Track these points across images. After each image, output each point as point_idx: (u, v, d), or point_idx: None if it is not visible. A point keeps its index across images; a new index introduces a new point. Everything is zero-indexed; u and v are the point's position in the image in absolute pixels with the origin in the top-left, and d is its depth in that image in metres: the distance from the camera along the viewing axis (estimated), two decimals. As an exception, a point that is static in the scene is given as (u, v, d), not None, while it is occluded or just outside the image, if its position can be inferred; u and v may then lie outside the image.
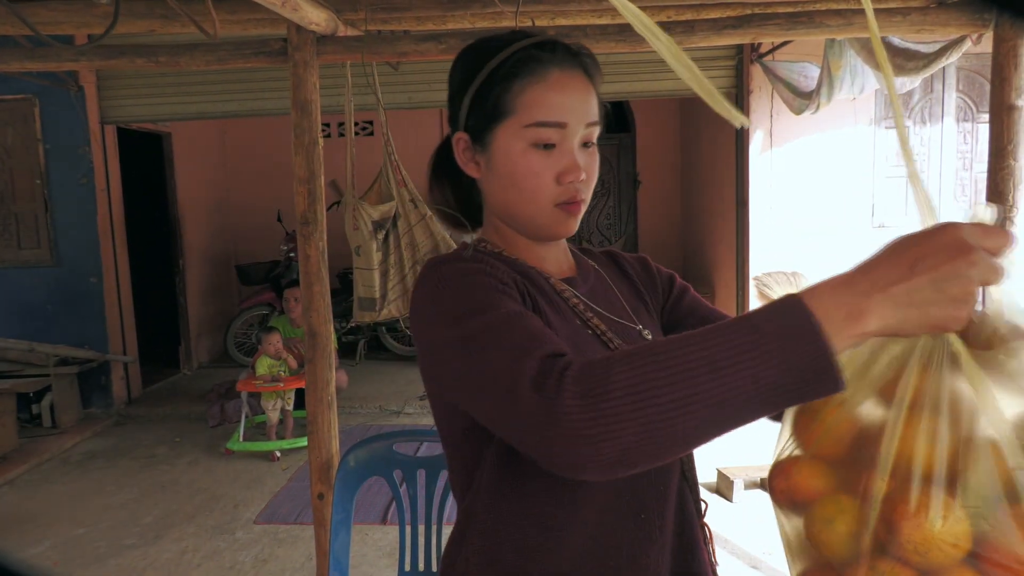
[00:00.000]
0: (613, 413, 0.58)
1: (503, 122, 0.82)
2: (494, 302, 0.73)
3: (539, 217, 0.85)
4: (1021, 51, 2.23)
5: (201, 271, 6.64)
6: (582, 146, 0.84)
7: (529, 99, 0.80)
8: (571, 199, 0.83)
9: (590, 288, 0.92)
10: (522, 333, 0.69)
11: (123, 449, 4.61)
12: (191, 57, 2.35)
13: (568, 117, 0.81)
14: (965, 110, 5.06)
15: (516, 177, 0.83)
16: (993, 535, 0.55)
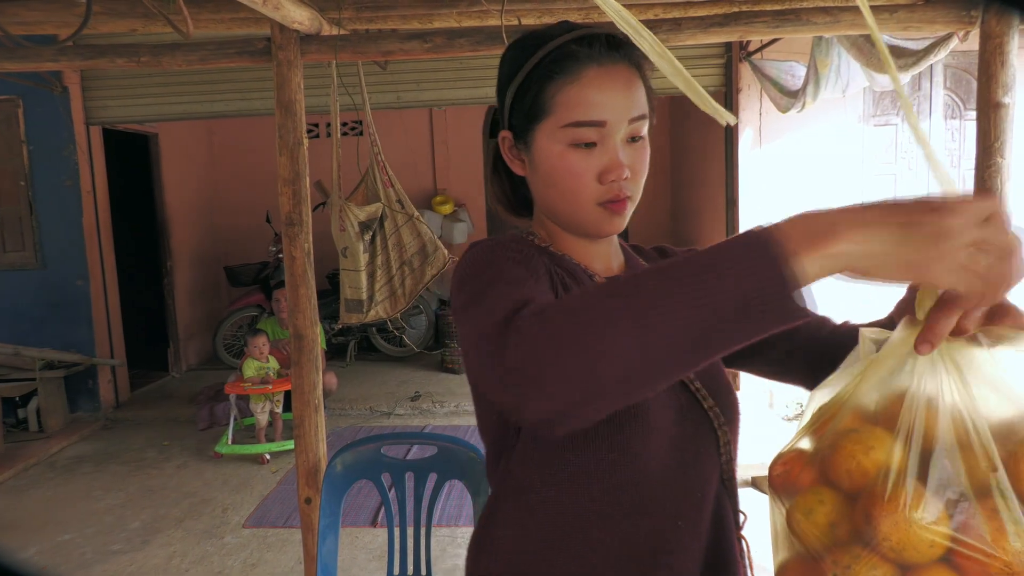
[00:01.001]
0: (558, 334, 0.57)
1: (541, 122, 0.80)
2: (507, 272, 0.73)
3: (582, 216, 0.83)
4: (1007, 49, 2.23)
5: (189, 273, 6.59)
6: (629, 141, 0.81)
7: (565, 99, 0.78)
8: (614, 198, 0.80)
9: None
10: (513, 292, 0.68)
11: (111, 453, 4.57)
12: (173, 57, 2.32)
13: (607, 115, 0.78)
14: (952, 107, 5.08)
15: (556, 177, 0.81)
16: (967, 533, 0.55)
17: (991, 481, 0.56)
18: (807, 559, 0.64)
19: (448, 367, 5.87)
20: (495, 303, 0.67)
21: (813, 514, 0.62)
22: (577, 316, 0.57)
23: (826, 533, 0.61)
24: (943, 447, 0.57)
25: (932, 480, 0.57)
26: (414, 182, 6.95)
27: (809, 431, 0.68)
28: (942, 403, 0.58)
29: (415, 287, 2.94)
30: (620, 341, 0.55)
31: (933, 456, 0.57)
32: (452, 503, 3.51)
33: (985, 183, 2.31)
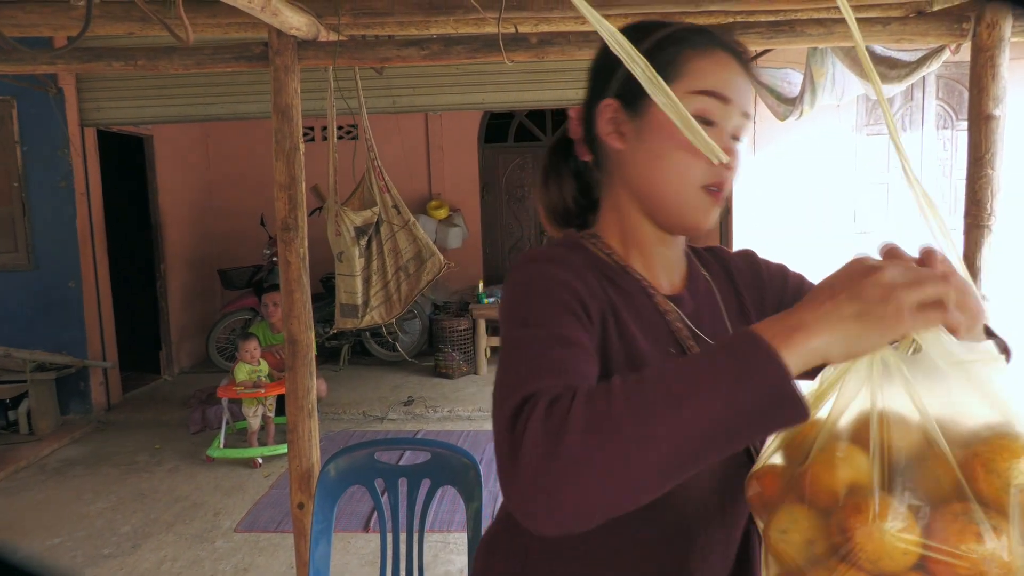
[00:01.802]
0: (569, 455, 0.56)
1: (668, 85, 0.75)
2: (555, 321, 0.71)
3: (684, 197, 0.79)
4: (998, 61, 2.26)
5: (183, 275, 6.57)
6: (731, 137, 0.80)
7: (700, 66, 0.77)
8: (719, 183, 0.78)
9: (696, 306, 0.86)
10: (540, 361, 0.67)
11: (102, 456, 4.54)
12: (170, 61, 2.33)
13: (733, 95, 0.78)
14: (945, 118, 5.12)
15: (673, 148, 0.77)
16: (935, 539, 0.57)
17: (955, 485, 0.57)
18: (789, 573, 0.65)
19: (442, 372, 5.87)
20: (515, 378, 0.66)
21: (788, 533, 0.63)
22: (592, 435, 0.57)
23: (803, 551, 0.62)
24: (906, 457, 0.59)
25: (897, 489, 0.58)
26: (409, 187, 6.96)
27: (781, 446, 0.69)
28: (905, 413, 0.60)
29: (410, 293, 2.94)
30: (637, 463, 0.56)
31: (899, 466, 0.59)
32: (445, 509, 3.50)
33: (976, 194, 2.33)
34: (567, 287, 0.74)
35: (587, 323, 0.73)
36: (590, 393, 0.60)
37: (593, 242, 0.85)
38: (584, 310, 0.73)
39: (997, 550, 0.56)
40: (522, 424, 0.60)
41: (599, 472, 0.56)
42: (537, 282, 0.74)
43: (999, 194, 2.32)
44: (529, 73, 4.66)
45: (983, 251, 2.29)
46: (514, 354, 0.69)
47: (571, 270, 0.76)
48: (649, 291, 0.82)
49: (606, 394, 0.59)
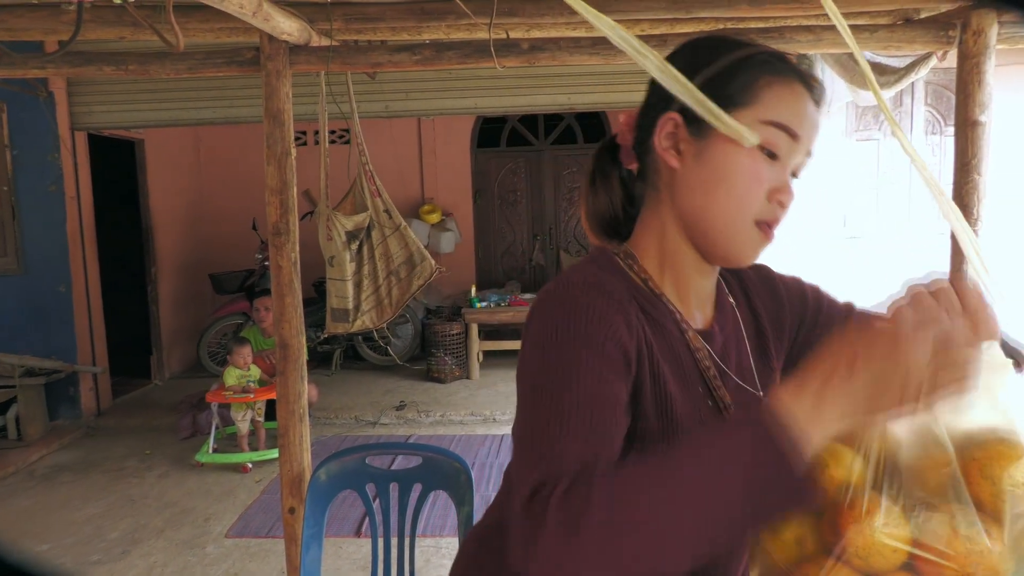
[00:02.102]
0: (585, 550, 0.57)
1: (738, 110, 0.73)
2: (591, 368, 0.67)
3: (735, 229, 0.75)
4: (984, 68, 2.28)
5: (174, 280, 6.54)
6: (791, 174, 0.77)
7: (776, 94, 0.73)
8: (773, 220, 0.75)
9: (724, 341, 0.83)
10: (574, 423, 0.65)
11: (91, 462, 4.51)
12: (161, 65, 2.32)
13: (803, 131, 0.74)
14: (933, 123, 5.17)
15: (734, 176, 0.73)
16: (926, 538, 0.57)
17: (948, 488, 0.58)
18: (779, 572, 0.65)
19: (434, 376, 5.86)
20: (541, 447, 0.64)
21: (780, 532, 0.64)
22: (607, 534, 0.57)
23: (793, 550, 0.63)
24: (900, 458, 0.60)
25: (891, 490, 0.59)
26: (402, 191, 6.96)
27: None
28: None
29: (402, 297, 2.95)
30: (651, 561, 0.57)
31: (891, 467, 0.60)
32: (437, 513, 3.50)
33: (963, 199, 2.35)
34: (610, 327, 0.70)
35: (625, 371, 0.70)
36: (608, 482, 0.59)
37: (630, 264, 0.80)
38: (624, 355, 0.70)
39: (986, 552, 0.56)
40: (538, 511, 0.60)
41: (616, 564, 0.57)
42: (580, 320, 0.69)
43: (986, 199, 2.34)
44: (521, 78, 4.67)
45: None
46: (542, 410, 0.66)
47: (614, 303, 0.71)
48: (682, 325, 0.79)
49: (623, 485, 0.58)
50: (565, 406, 0.65)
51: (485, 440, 4.65)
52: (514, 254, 7.62)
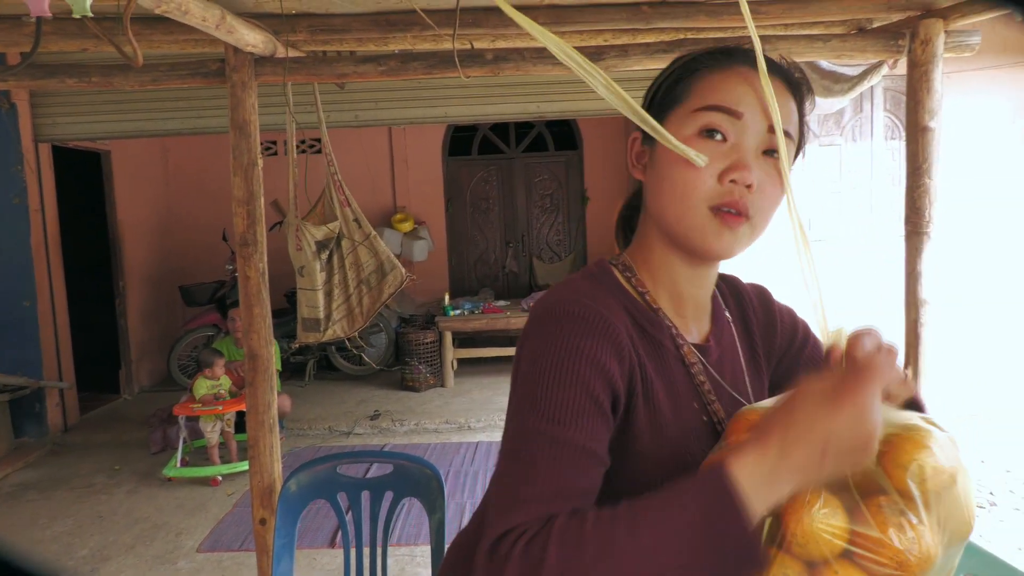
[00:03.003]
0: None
1: (674, 109, 0.76)
2: (571, 417, 0.68)
3: (689, 220, 0.75)
4: (932, 76, 2.37)
5: (142, 292, 6.45)
6: (763, 153, 0.75)
7: (707, 84, 0.75)
8: (729, 204, 0.73)
9: (720, 355, 0.85)
10: (545, 478, 0.67)
11: (58, 479, 4.43)
12: (125, 77, 2.32)
13: (746, 108, 0.73)
14: (892, 129, 5.31)
15: (674, 168, 0.74)
16: (859, 526, 0.61)
17: (876, 481, 0.62)
18: None
19: (408, 385, 5.85)
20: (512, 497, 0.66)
21: None
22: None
23: None
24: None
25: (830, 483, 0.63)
26: (374, 200, 6.95)
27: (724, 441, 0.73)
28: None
29: (373, 306, 2.95)
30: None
31: None
32: (411, 522, 3.50)
33: (915, 203, 2.43)
34: (597, 366, 0.70)
35: (608, 412, 0.71)
36: (562, 532, 0.61)
37: (628, 276, 0.82)
38: (611, 392, 0.72)
39: (916, 537, 0.60)
40: (499, 561, 0.63)
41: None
42: (566, 358, 0.70)
43: (937, 202, 2.43)
44: (491, 87, 4.71)
45: (922, 256, 2.39)
46: (520, 452, 0.69)
47: (606, 338, 0.72)
48: (678, 340, 0.80)
49: (578, 537, 0.61)
50: (541, 453, 0.67)
51: (460, 448, 4.66)
52: (487, 262, 7.64)
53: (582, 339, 0.71)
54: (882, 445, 0.63)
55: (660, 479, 0.66)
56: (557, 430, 0.67)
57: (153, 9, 1.61)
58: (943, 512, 0.62)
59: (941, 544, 0.62)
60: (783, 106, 0.75)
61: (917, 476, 0.61)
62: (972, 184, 4.92)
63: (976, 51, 2.48)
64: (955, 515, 0.62)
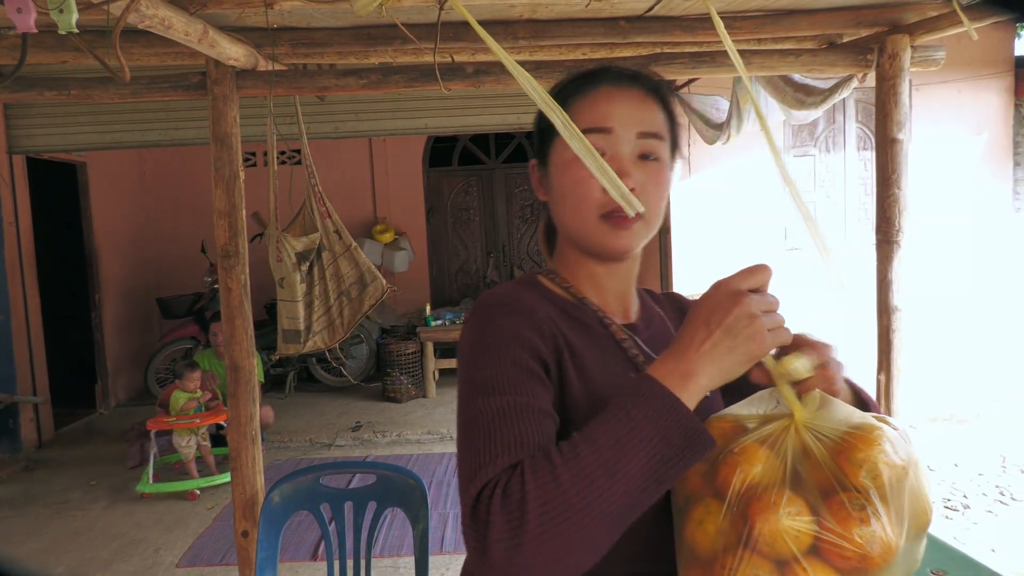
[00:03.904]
0: (534, 539, 0.63)
1: (555, 139, 0.86)
2: (508, 385, 0.75)
3: (587, 230, 0.85)
4: (900, 89, 2.45)
5: (119, 305, 6.37)
6: (640, 158, 0.84)
7: (576, 110, 0.85)
8: (618, 209, 0.81)
9: (652, 335, 0.92)
10: (497, 437, 0.71)
11: (32, 496, 4.35)
12: (104, 90, 2.32)
13: (613, 122, 0.83)
14: (864, 139, 5.43)
15: (565, 187, 0.85)
16: (823, 525, 0.64)
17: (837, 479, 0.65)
18: (702, 565, 0.71)
19: (390, 396, 5.84)
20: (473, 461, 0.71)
21: (704, 524, 0.70)
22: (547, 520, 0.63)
23: (715, 540, 0.69)
24: (797, 456, 0.68)
25: (792, 483, 0.66)
26: (354, 211, 6.95)
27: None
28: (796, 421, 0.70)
29: (353, 317, 2.96)
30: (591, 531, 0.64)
31: (793, 464, 0.67)
32: (394, 533, 3.49)
33: (886, 212, 2.50)
34: (521, 341, 0.78)
35: (542, 376, 0.78)
36: (534, 471, 0.66)
37: (552, 278, 0.91)
38: (540, 361, 0.78)
39: (877, 531, 0.63)
40: (483, 516, 0.66)
41: (560, 549, 0.63)
42: (492, 339, 0.79)
43: (906, 211, 2.50)
44: (471, 99, 4.75)
45: (893, 264, 2.46)
46: (474, 428, 0.74)
47: (524, 316, 0.81)
48: (605, 321, 0.88)
49: (549, 470, 0.65)
50: (491, 422, 0.73)
51: (443, 458, 4.65)
52: (468, 272, 7.66)
53: (504, 320, 0.80)
54: (837, 445, 0.66)
55: None
56: (499, 399, 0.74)
57: (136, 24, 1.62)
58: (900, 505, 0.65)
59: (901, 535, 0.65)
60: (647, 111, 0.85)
61: (871, 472, 0.64)
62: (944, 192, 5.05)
63: (941, 65, 2.56)
64: (912, 507, 0.65)
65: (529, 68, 2.42)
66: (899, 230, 2.46)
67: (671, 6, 2.27)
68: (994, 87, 5.01)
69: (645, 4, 2.21)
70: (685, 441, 0.65)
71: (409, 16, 2.20)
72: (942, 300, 4.96)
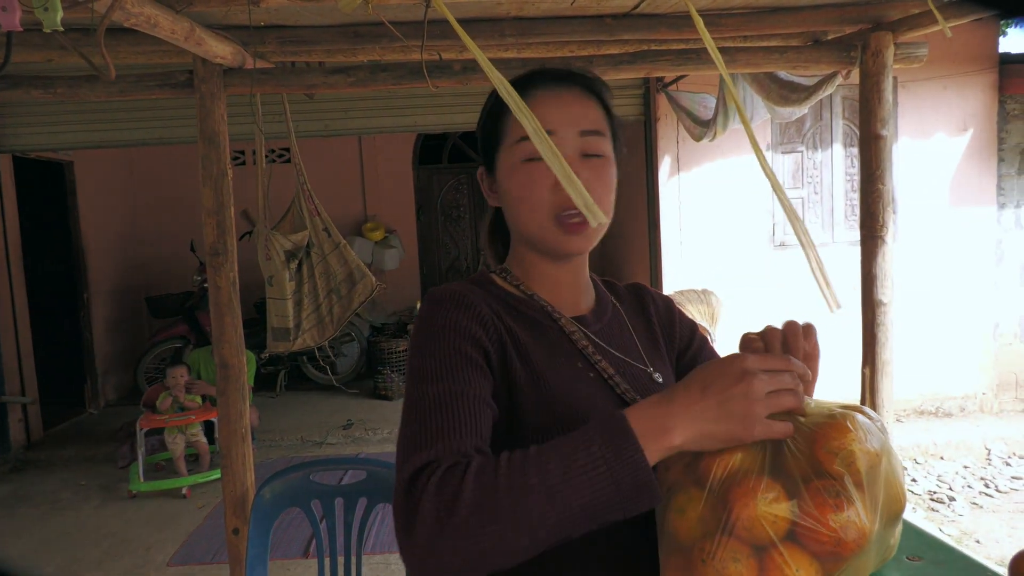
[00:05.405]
0: (457, 533, 0.65)
1: (500, 145, 0.89)
2: (447, 372, 0.77)
3: (542, 233, 0.87)
4: (883, 86, 2.47)
5: (108, 304, 6.34)
6: (583, 156, 0.86)
7: (514, 119, 0.86)
8: (568, 208, 0.84)
9: (604, 326, 0.94)
10: (436, 423, 0.73)
11: (21, 496, 4.33)
12: (91, 88, 2.31)
13: (553, 125, 0.85)
14: (850, 136, 5.47)
15: (515, 193, 0.87)
16: (801, 510, 0.66)
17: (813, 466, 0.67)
18: (682, 552, 0.73)
19: (381, 394, 5.84)
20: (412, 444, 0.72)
21: (685, 511, 0.72)
22: (476, 516, 0.65)
23: (696, 527, 0.71)
24: (776, 445, 0.69)
25: (771, 470, 0.68)
26: (344, 209, 6.93)
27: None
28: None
29: (343, 314, 2.96)
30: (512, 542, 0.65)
31: (772, 453, 0.69)
32: (386, 530, 3.50)
33: (870, 208, 2.53)
34: (462, 331, 0.81)
35: (483, 365, 0.80)
36: (479, 471, 0.67)
37: (504, 276, 0.94)
38: (482, 351, 0.81)
39: (852, 517, 0.65)
40: (416, 495, 0.67)
41: (481, 547, 0.65)
42: (436, 330, 0.81)
43: (891, 207, 2.53)
44: (460, 95, 4.75)
45: (877, 259, 2.49)
46: (413, 413, 0.76)
47: (467, 309, 0.83)
48: (554, 315, 0.90)
49: (492, 474, 0.67)
50: (428, 408, 0.75)
51: (433, 455, 4.66)
52: (459, 269, 7.67)
53: (447, 313, 0.82)
54: (813, 434, 0.68)
55: (555, 428, 0.76)
56: (437, 387, 0.76)
57: (122, 22, 1.62)
58: (875, 491, 0.67)
59: (875, 521, 0.66)
60: (586, 109, 0.87)
61: (845, 460, 0.66)
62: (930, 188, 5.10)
63: (924, 62, 2.59)
64: (887, 493, 0.67)
65: (516, 65, 2.43)
66: (883, 225, 2.49)
67: (657, 3, 2.29)
68: (979, 84, 5.05)
69: (631, 1, 2.23)
70: (634, 492, 0.66)
71: (396, 14, 2.21)
72: (927, 294, 5.00)
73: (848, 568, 0.66)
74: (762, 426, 0.67)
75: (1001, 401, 5.12)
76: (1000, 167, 5.14)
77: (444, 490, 0.67)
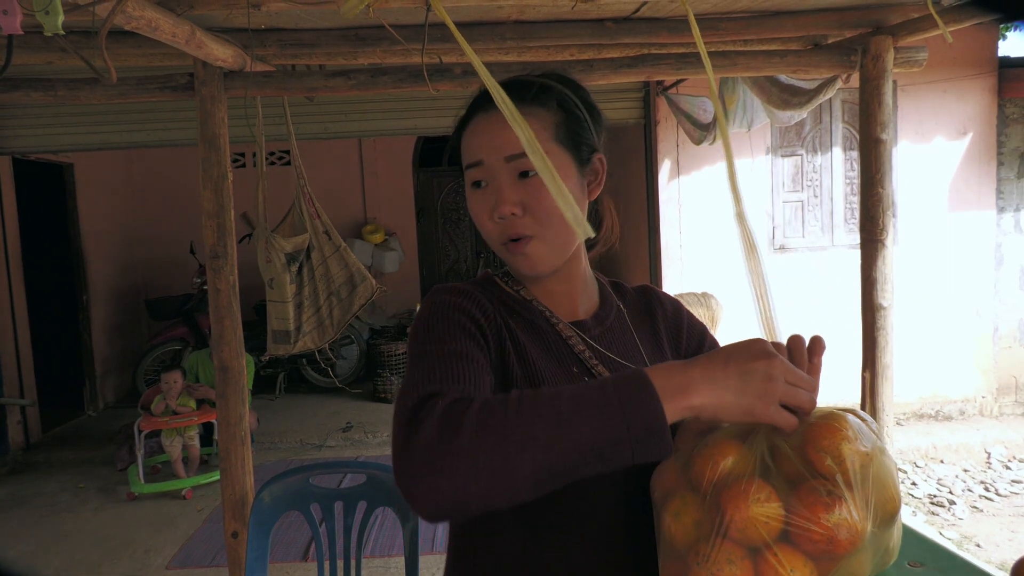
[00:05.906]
0: (458, 450, 0.64)
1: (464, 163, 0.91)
2: (452, 339, 0.79)
3: (499, 254, 0.90)
4: (883, 90, 2.47)
5: (107, 306, 6.34)
6: (519, 177, 0.86)
7: (461, 147, 0.90)
8: (508, 235, 0.86)
9: (605, 330, 0.94)
10: (441, 370, 0.74)
11: (20, 499, 4.32)
12: (92, 91, 2.31)
13: (482, 154, 0.86)
14: (850, 139, 5.48)
15: (472, 218, 0.91)
16: (793, 511, 0.66)
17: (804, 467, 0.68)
18: (679, 556, 0.73)
19: (380, 397, 5.83)
20: (418, 381, 0.74)
21: (680, 516, 0.72)
22: (481, 436, 0.64)
23: (691, 531, 0.71)
24: (768, 447, 0.70)
25: (762, 471, 0.68)
26: (344, 211, 6.94)
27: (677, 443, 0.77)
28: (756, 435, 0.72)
29: (343, 317, 2.96)
30: (515, 467, 0.64)
31: (764, 456, 0.69)
32: (385, 533, 3.49)
33: (870, 211, 2.53)
34: (465, 312, 0.83)
35: (482, 343, 0.82)
36: (487, 401, 0.67)
37: (505, 280, 0.95)
38: (480, 332, 0.83)
39: (843, 516, 0.65)
40: (422, 416, 0.68)
41: (481, 469, 0.64)
42: (439, 310, 0.83)
43: (890, 210, 2.53)
44: (460, 99, 4.70)
45: (877, 263, 2.49)
46: (417, 364, 0.77)
47: (470, 299, 0.85)
48: (552, 320, 0.91)
49: (503, 403, 0.67)
50: (436, 359, 0.76)
51: (433, 458, 4.66)
52: (459, 272, 7.67)
53: (452, 299, 0.85)
54: (804, 435, 0.68)
55: None
56: (444, 346, 0.78)
57: (123, 25, 1.62)
58: (866, 491, 0.67)
59: (868, 520, 0.66)
60: (508, 132, 0.82)
61: (836, 459, 0.66)
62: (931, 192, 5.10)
63: (923, 66, 2.59)
64: (879, 493, 0.67)
65: (516, 69, 2.43)
66: (883, 229, 2.49)
67: (657, 8, 2.29)
68: (978, 87, 5.06)
69: (631, 6, 2.23)
70: (645, 433, 0.65)
71: (397, 17, 2.21)
72: (927, 298, 5.01)
73: (842, 568, 0.67)
74: (776, 409, 0.67)
75: (1001, 404, 5.12)
76: (999, 171, 5.14)
77: (450, 412, 0.67)
